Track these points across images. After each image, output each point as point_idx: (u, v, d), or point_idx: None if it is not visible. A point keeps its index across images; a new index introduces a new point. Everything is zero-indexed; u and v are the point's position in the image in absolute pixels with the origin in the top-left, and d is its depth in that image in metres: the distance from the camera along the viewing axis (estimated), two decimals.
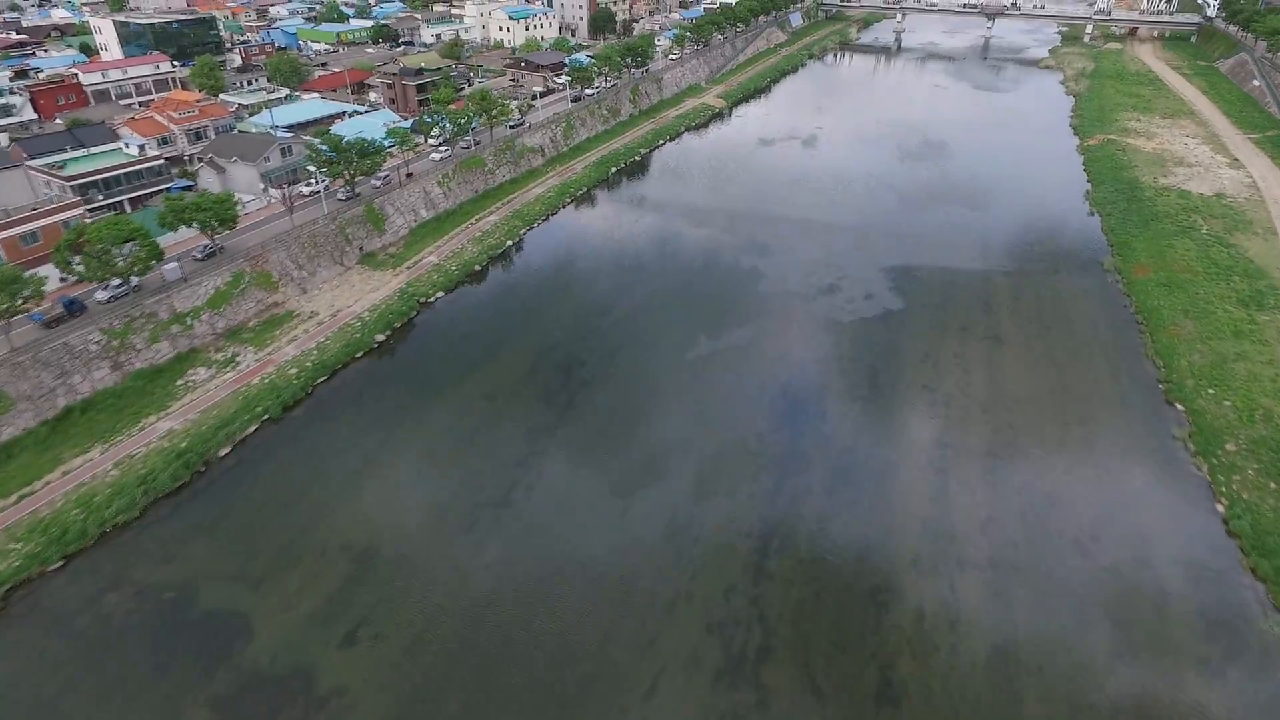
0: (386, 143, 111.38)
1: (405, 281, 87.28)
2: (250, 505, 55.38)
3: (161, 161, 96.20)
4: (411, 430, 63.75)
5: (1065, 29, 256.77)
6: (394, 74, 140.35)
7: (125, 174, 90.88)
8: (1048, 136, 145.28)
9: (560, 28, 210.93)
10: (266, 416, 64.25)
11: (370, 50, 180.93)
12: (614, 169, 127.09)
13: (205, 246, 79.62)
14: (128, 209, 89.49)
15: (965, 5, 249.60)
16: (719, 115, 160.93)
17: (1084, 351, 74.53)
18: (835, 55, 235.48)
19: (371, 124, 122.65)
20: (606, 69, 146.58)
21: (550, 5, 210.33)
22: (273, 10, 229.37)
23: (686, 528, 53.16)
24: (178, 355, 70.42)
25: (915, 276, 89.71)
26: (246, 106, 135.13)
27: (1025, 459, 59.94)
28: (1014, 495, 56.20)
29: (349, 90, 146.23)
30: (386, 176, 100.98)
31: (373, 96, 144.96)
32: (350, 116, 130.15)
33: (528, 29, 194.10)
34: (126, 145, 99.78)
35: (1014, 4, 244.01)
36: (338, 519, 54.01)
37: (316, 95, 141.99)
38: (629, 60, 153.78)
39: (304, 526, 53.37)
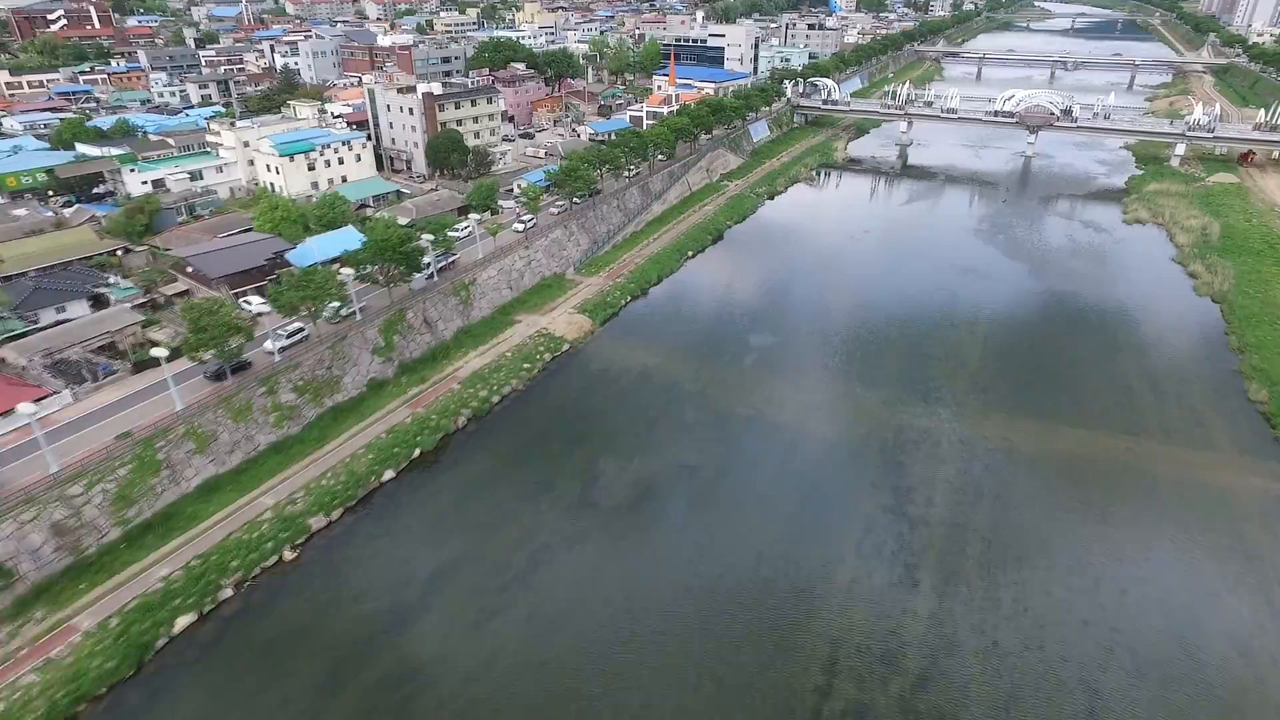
0: None
1: None
2: None
3: None
4: None
5: (1132, 143, 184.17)
6: None
7: None
8: (1218, 460, 68.95)
9: (385, 159, 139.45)
10: None
11: (19, 213, 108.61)
12: (165, 631, 50.80)
13: None
14: None
15: (997, 113, 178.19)
16: (563, 358, 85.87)
17: None
18: (817, 178, 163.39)
19: None
20: (310, 302, 71.97)
21: (365, 129, 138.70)
22: (5, 123, 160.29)
23: None
24: None
25: None
26: None
27: None
28: None
29: None
30: None
31: None
32: None
33: (313, 168, 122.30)
34: None
35: (1068, 112, 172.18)
36: None
37: None
38: (393, 265, 79.90)
39: None
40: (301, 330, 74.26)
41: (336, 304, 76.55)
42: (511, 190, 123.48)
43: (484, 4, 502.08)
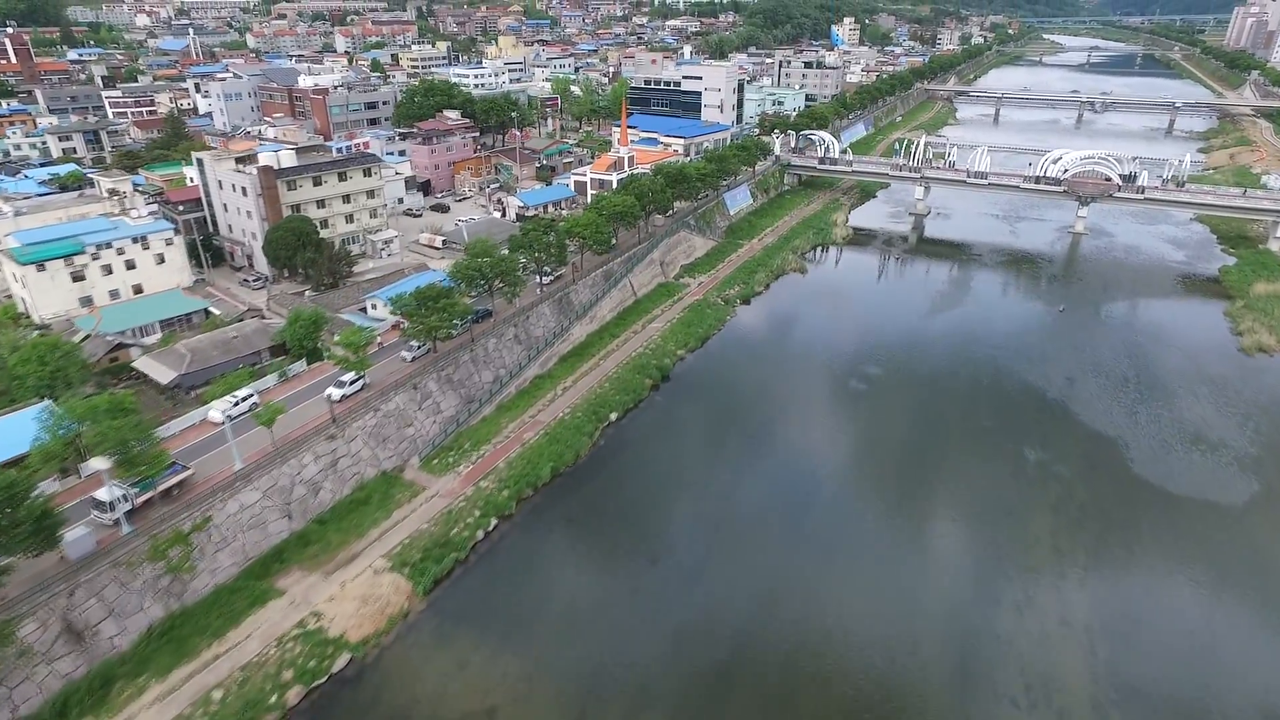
0: None
1: None
2: None
3: None
4: None
5: (1204, 214, 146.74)
6: None
7: None
8: None
9: (210, 255, 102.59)
10: None
11: None
12: None
13: None
14: None
15: (1039, 178, 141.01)
16: (326, 694, 47.30)
17: None
18: (812, 262, 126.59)
19: None
20: None
21: (174, 218, 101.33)
22: None
23: None
24: None
25: None
26: None
27: None
28: None
29: None
30: None
31: None
32: None
33: (81, 278, 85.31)
34: None
35: (1132, 178, 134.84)
36: None
37: None
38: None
39: None
40: None
41: None
42: (366, 310, 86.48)
43: (463, 36, 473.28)
